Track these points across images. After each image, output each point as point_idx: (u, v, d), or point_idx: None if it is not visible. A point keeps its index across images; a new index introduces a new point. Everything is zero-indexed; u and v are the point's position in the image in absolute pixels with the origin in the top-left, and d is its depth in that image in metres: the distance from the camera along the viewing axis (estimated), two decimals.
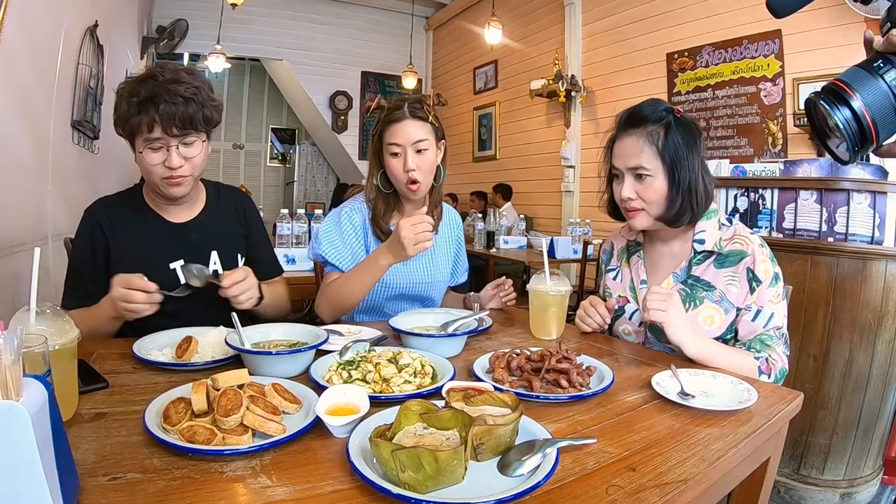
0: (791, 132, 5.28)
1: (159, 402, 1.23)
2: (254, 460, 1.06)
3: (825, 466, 3.19)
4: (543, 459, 1.04)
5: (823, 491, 3.19)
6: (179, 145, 1.93)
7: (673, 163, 1.88)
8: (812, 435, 3.18)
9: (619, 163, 1.99)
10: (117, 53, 5.99)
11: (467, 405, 1.17)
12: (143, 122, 1.86)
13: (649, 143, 1.90)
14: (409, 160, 2.22)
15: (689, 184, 1.89)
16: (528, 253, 6.30)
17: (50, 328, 1.21)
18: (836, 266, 3.04)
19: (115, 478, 0.98)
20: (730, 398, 1.46)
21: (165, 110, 1.85)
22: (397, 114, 2.24)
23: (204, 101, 1.96)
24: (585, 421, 1.32)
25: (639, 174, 1.92)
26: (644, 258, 2.16)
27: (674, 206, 1.91)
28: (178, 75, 1.93)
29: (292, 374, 1.54)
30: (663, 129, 1.90)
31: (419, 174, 2.24)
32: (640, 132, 1.93)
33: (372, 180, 2.35)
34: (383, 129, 2.27)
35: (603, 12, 7.42)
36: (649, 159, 1.90)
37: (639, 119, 1.94)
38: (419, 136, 2.24)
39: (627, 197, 1.95)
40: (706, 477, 1.11)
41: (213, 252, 2.19)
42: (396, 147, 2.23)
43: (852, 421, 3.12)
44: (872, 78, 1.07)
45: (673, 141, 1.88)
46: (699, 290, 1.96)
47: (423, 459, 0.91)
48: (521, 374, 1.53)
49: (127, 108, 1.87)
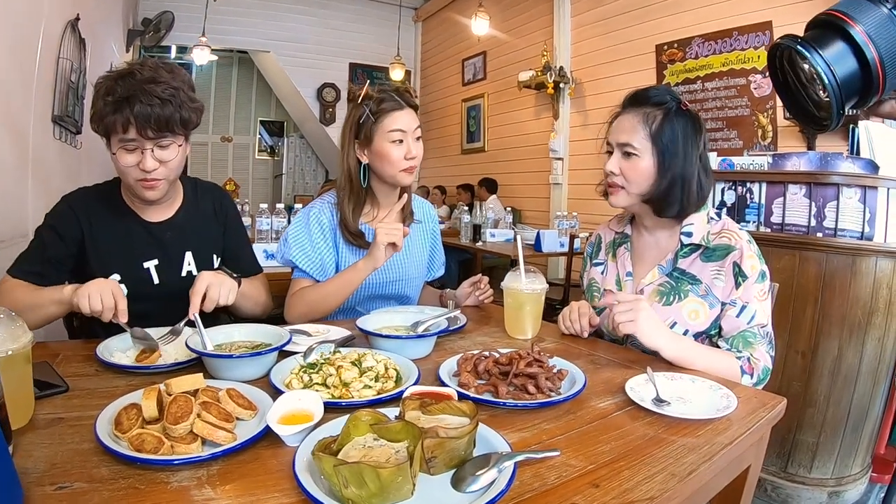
0: (781, 125, 5.26)
1: (113, 408, 1.21)
2: (201, 470, 1.04)
3: (813, 465, 3.18)
4: (500, 474, 1.00)
5: (811, 489, 3.19)
6: (154, 148, 1.87)
7: (665, 149, 1.89)
8: (800, 433, 3.17)
9: (611, 137, 2.00)
10: (101, 47, 5.92)
11: (424, 413, 1.14)
12: (118, 122, 1.80)
13: (644, 124, 1.91)
14: (411, 147, 2.23)
15: (682, 175, 1.89)
16: (514, 246, 6.20)
17: (2, 333, 1.18)
18: (825, 262, 3.03)
19: (62, 487, 0.96)
20: (707, 405, 1.42)
21: (141, 111, 1.79)
22: (395, 102, 2.23)
23: (182, 103, 1.89)
24: (552, 430, 1.27)
25: (626, 151, 1.93)
26: (631, 250, 2.16)
27: (659, 191, 1.92)
28: (157, 74, 1.87)
29: (255, 376, 1.51)
30: (662, 113, 1.91)
31: (416, 161, 2.26)
32: (637, 112, 1.94)
33: (345, 172, 2.33)
34: (381, 116, 2.22)
35: (592, 3, 7.38)
36: (639, 139, 1.91)
37: (641, 99, 1.96)
38: (416, 123, 2.27)
39: (611, 171, 1.97)
40: (677, 493, 1.06)
41: (188, 253, 2.16)
42: (400, 133, 2.22)
43: (841, 418, 3.12)
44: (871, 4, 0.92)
45: (670, 128, 1.89)
46: (684, 283, 1.95)
47: (365, 475, 0.88)
48: (488, 379, 1.50)
49: (102, 106, 1.81)
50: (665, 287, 1.97)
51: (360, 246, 2.31)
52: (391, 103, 2.23)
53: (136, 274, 2.05)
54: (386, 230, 2.09)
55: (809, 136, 4.90)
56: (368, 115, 2.23)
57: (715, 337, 1.93)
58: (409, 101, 2.27)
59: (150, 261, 2.08)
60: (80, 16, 4.64)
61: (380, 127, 2.22)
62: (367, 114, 2.23)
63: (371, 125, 2.23)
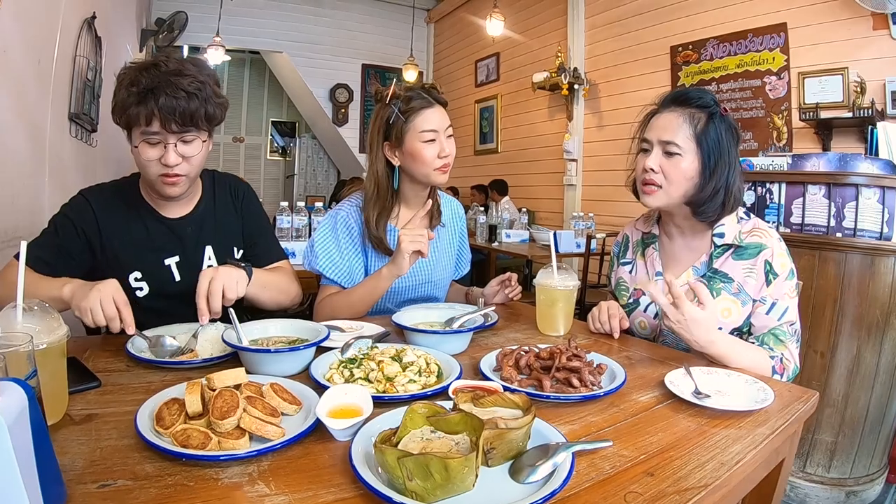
0: (796, 126, 5.22)
1: (152, 403, 1.18)
2: (251, 466, 1.01)
3: (831, 464, 3.17)
4: (558, 465, 0.99)
5: (829, 489, 3.18)
6: (178, 142, 1.83)
7: (709, 152, 1.87)
8: (818, 432, 3.16)
9: (652, 135, 1.95)
10: (116, 46, 5.92)
11: (476, 407, 1.12)
12: (141, 114, 1.74)
13: (688, 124, 1.88)
14: (444, 145, 2.17)
15: (727, 180, 1.87)
16: (530, 247, 6.25)
17: (37, 325, 1.16)
18: (844, 262, 3.02)
19: (105, 485, 0.93)
20: (746, 398, 1.42)
21: (166, 104, 1.74)
22: (425, 100, 2.17)
23: (208, 97, 1.84)
24: (598, 422, 1.27)
25: (669, 151, 1.89)
26: (660, 250, 2.12)
27: (703, 194, 1.88)
28: (183, 67, 1.82)
29: (292, 372, 1.49)
30: (706, 116, 1.88)
31: (450, 158, 2.21)
32: (681, 111, 1.91)
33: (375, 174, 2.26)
34: (411, 115, 2.15)
35: (606, 4, 7.35)
36: (684, 139, 1.88)
37: (684, 100, 1.93)
38: (448, 121, 2.21)
39: (650, 167, 1.92)
40: (727, 481, 1.06)
41: (208, 247, 2.12)
42: (433, 133, 2.15)
43: (859, 419, 3.10)
44: None
45: (714, 131, 1.87)
46: (717, 281, 1.92)
47: (431, 467, 0.85)
48: (530, 373, 1.49)
49: (126, 97, 1.75)
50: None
51: (383, 252, 2.26)
52: (420, 101, 2.16)
53: (157, 271, 2.02)
54: (410, 237, 2.02)
55: (825, 137, 4.86)
56: (398, 115, 2.16)
57: (745, 335, 1.91)
58: (439, 98, 2.21)
59: (171, 258, 2.04)
60: (97, 14, 4.63)
61: (411, 126, 2.15)
62: (397, 113, 2.16)
63: (402, 125, 2.16)
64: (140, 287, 1.98)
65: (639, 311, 2.12)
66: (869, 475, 3.21)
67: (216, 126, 1.97)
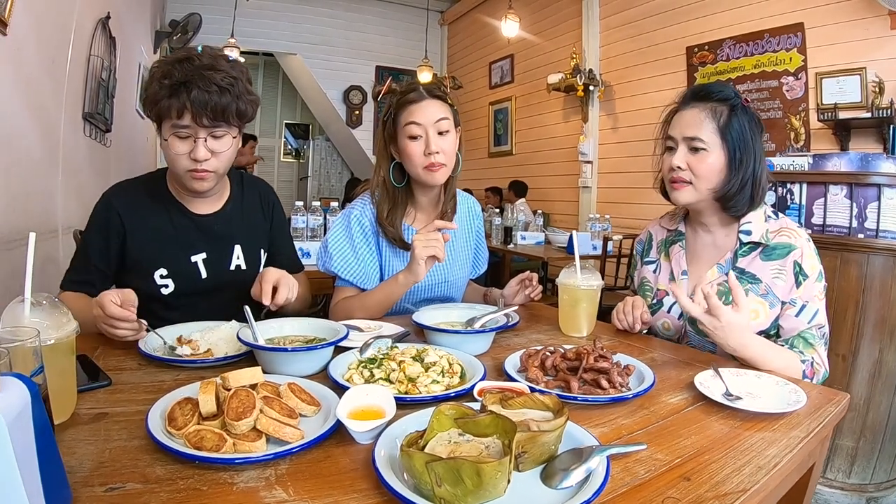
0: (814, 127, 5.15)
1: (164, 402, 1.14)
2: (268, 469, 0.97)
3: (852, 470, 3.17)
4: (592, 470, 0.95)
5: (849, 494, 3.16)
6: (208, 137, 1.82)
7: (735, 144, 1.85)
8: (839, 437, 3.15)
9: (675, 132, 1.94)
10: (130, 46, 5.95)
11: (505, 408, 1.07)
12: (173, 106, 1.75)
13: (711, 118, 1.87)
14: (431, 142, 2.08)
15: (754, 172, 1.86)
16: (545, 249, 6.22)
17: (45, 321, 1.13)
18: (866, 263, 3.02)
19: (113, 488, 0.89)
20: (778, 400, 1.39)
21: (198, 97, 1.73)
22: (414, 95, 2.11)
23: (240, 94, 1.84)
24: (629, 425, 1.24)
25: (694, 147, 1.88)
26: (686, 248, 2.09)
27: (731, 187, 1.86)
28: (217, 62, 1.82)
29: (309, 372, 1.45)
30: (728, 109, 1.87)
31: (442, 157, 2.11)
32: (703, 106, 1.89)
33: (379, 173, 2.23)
34: (398, 111, 2.12)
35: (621, 5, 7.29)
36: (708, 133, 1.86)
37: (705, 94, 1.92)
38: (440, 114, 2.11)
39: (677, 165, 1.91)
40: (765, 486, 1.03)
41: (237, 246, 2.11)
42: (416, 127, 2.08)
43: (881, 423, 3.09)
44: None
45: (738, 123, 1.85)
46: (744, 282, 1.88)
47: (463, 473, 0.81)
48: (556, 374, 1.46)
49: (158, 90, 1.76)
50: (724, 286, 1.89)
51: (402, 248, 2.22)
52: (406, 97, 2.12)
53: (183, 268, 2.00)
54: (424, 243, 1.95)
55: (843, 138, 4.81)
56: (389, 111, 2.15)
57: (773, 337, 1.87)
58: (433, 91, 2.14)
59: (199, 254, 2.02)
60: (111, 14, 4.64)
61: (398, 122, 2.13)
62: (390, 110, 2.15)
63: (390, 121, 2.16)
64: (165, 284, 1.96)
65: (662, 312, 2.08)
66: (890, 480, 3.18)
67: (246, 123, 1.97)
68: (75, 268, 1.93)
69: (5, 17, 2.48)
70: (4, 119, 2.69)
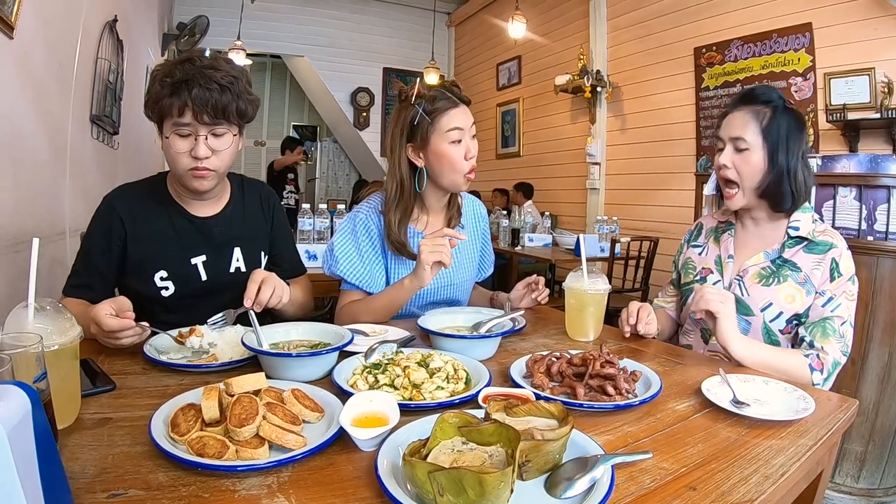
0: (823, 128, 5.14)
1: (168, 408, 1.14)
2: (270, 477, 0.97)
3: (860, 475, 3.15)
4: (596, 479, 0.94)
5: (858, 499, 3.15)
6: (209, 135, 1.84)
7: (775, 144, 1.97)
8: (848, 442, 3.14)
9: (723, 133, 2.08)
10: (137, 49, 5.95)
11: (509, 416, 1.06)
12: (175, 104, 1.77)
13: (755, 120, 1.99)
14: (470, 146, 2.12)
15: (788, 167, 1.96)
16: (553, 251, 6.21)
17: (49, 326, 1.14)
18: (875, 266, 3.01)
19: (115, 495, 0.89)
20: (786, 406, 1.38)
21: (199, 95, 1.76)
22: (449, 100, 2.11)
23: (240, 92, 1.86)
24: (635, 432, 1.23)
25: (738, 147, 2.01)
26: (734, 237, 2.21)
27: (771, 183, 1.99)
28: (217, 62, 1.85)
29: (314, 377, 1.45)
30: (770, 110, 1.99)
31: (475, 161, 2.16)
32: (748, 109, 2.02)
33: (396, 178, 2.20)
34: (437, 115, 2.09)
35: (629, 6, 7.29)
36: (751, 134, 1.99)
37: (750, 98, 2.04)
38: (472, 120, 2.15)
39: (723, 164, 2.04)
40: (772, 496, 1.02)
41: (237, 248, 2.11)
42: (459, 132, 2.09)
43: (890, 427, 3.07)
44: None
45: (778, 124, 1.97)
46: (786, 269, 2.01)
47: (465, 482, 0.80)
48: (562, 380, 1.45)
49: (160, 89, 1.78)
50: (766, 270, 2.04)
51: (406, 256, 2.21)
52: (445, 101, 2.10)
53: (183, 270, 2.01)
54: (430, 248, 1.94)
55: (852, 139, 4.78)
56: (423, 116, 2.10)
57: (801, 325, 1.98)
58: (462, 97, 2.15)
59: (198, 256, 2.03)
60: (118, 17, 4.64)
61: (437, 127, 2.09)
62: (422, 114, 2.09)
63: (427, 126, 2.10)
64: (165, 286, 1.97)
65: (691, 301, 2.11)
66: None
67: (246, 123, 1.98)
68: (77, 272, 1.94)
69: (12, 21, 2.48)
70: (12, 121, 2.69)
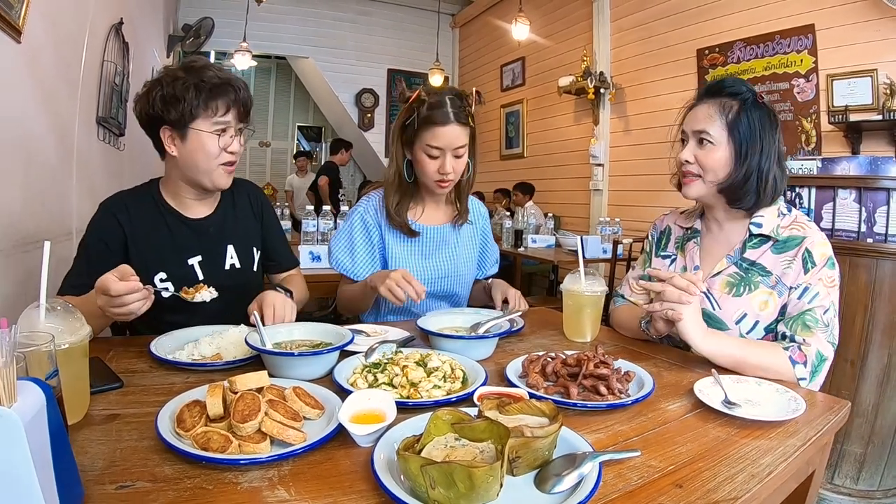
0: (825, 130, 5.12)
1: (174, 404, 1.18)
2: (271, 470, 1.00)
3: (859, 476, 3.13)
4: (584, 475, 0.97)
5: (857, 501, 3.13)
6: (238, 133, 2.02)
7: (742, 139, 1.86)
8: (847, 443, 3.11)
9: (687, 126, 1.98)
10: (143, 51, 5.98)
11: (501, 414, 1.10)
12: (220, 104, 1.92)
13: (720, 114, 1.89)
14: (446, 164, 2.17)
15: (759, 167, 1.86)
16: (556, 252, 6.20)
17: (60, 325, 1.17)
18: (875, 268, 2.98)
19: (123, 486, 0.93)
20: (777, 407, 1.39)
21: (242, 97, 1.98)
22: (441, 115, 2.13)
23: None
24: (626, 431, 1.25)
25: (701, 139, 1.91)
26: (700, 245, 2.11)
27: (735, 181, 1.88)
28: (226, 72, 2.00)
29: (315, 376, 1.48)
30: (738, 104, 1.88)
31: (453, 175, 2.22)
32: (713, 101, 1.92)
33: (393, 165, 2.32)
34: (423, 126, 2.15)
35: (632, 7, 7.29)
36: (715, 128, 1.89)
37: (717, 90, 1.94)
38: (460, 142, 2.17)
39: (685, 160, 1.95)
40: (757, 494, 1.04)
41: (230, 246, 2.18)
42: (436, 150, 2.16)
43: (889, 429, 3.05)
44: None
45: (746, 119, 1.86)
46: (755, 274, 1.90)
47: (455, 476, 0.83)
48: (556, 380, 1.47)
49: (196, 93, 1.89)
50: (734, 278, 1.93)
51: (406, 234, 2.32)
52: (439, 115, 2.13)
53: (181, 271, 2.06)
54: (389, 287, 1.97)
55: (854, 140, 4.79)
56: (413, 121, 2.18)
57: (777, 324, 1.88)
58: (459, 117, 2.16)
59: (194, 257, 2.10)
60: (124, 20, 4.67)
61: (419, 136, 2.18)
62: (414, 119, 2.17)
63: (413, 132, 2.19)
64: (165, 287, 2.00)
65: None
66: None
67: None
68: (75, 273, 1.96)
69: (20, 25, 2.51)
70: (21, 123, 2.72)
